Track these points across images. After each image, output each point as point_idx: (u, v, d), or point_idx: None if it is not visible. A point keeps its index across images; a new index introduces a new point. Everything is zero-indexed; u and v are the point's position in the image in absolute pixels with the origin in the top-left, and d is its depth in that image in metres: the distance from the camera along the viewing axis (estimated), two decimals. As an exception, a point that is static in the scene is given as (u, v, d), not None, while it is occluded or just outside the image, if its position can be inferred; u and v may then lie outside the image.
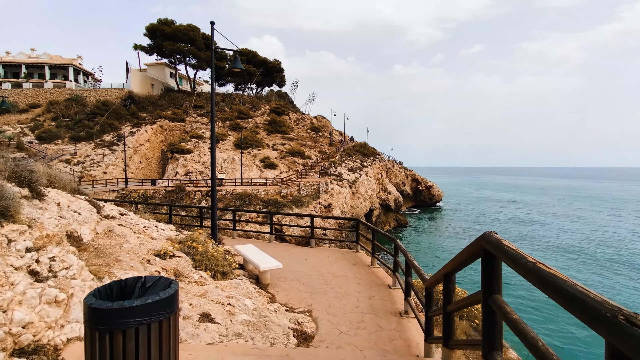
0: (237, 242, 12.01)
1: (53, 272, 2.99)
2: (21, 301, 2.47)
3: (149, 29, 51.06)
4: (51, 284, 2.83)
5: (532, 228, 40.56)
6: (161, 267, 5.27)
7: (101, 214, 6.87)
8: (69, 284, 3.00)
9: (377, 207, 39.85)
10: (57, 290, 2.82)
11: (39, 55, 54.37)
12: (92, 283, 3.41)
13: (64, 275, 3.04)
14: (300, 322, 5.22)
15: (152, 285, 2.03)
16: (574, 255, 28.88)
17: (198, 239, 7.06)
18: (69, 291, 2.93)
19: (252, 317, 4.75)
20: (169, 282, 2.02)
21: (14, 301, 2.39)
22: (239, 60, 9.47)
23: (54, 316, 2.66)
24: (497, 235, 2.05)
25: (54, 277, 2.95)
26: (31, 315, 2.47)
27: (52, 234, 3.46)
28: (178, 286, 1.98)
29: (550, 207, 60.61)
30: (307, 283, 7.47)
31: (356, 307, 6.21)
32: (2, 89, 48.45)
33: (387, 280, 7.87)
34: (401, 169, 57.74)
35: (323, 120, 62.74)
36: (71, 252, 3.38)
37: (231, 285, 5.73)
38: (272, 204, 25.96)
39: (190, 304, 4.47)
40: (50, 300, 2.68)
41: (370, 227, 9.36)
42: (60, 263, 3.13)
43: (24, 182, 4.17)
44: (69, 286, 2.98)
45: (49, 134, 41.44)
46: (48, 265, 3.01)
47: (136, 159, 41.29)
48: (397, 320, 5.71)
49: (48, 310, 2.63)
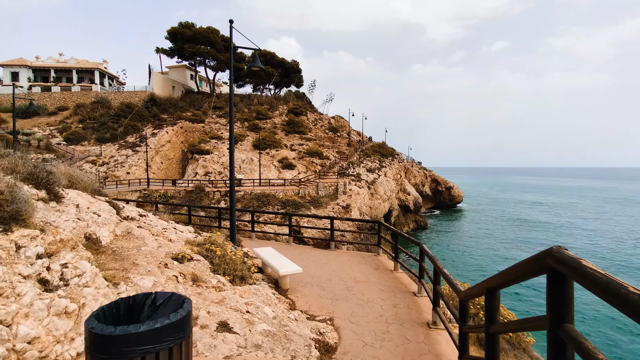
0: (256, 243, 11.87)
1: (65, 280, 2.82)
2: (27, 314, 2.30)
3: (170, 32, 52.17)
4: (61, 293, 2.66)
5: (564, 233, 38.78)
6: (179, 272, 5.10)
7: (121, 215, 6.81)
8: (80, 293, 2.83)
9: (396, 208, 39.13)
10: (68, 300, 2.65)
11: (66, 59, 56.48)
12: (107, 290, 3.24)
13: (76, 284, 2.88)
14: (322, 332, 4.94)
15: (163, 304, 1.79)
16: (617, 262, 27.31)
17: (216, 242, 6.90)
18: (81, 301, 2.76)
19: (271, 326, 4.50)
20: (181, 301, 1.78)
21: (19, 314, 2.22)
22: (257, 59, 9.29)
23: (64, 329, 2.48)
24: (568, 251, 1.71)
25: (65, 286, 2.78)
26: (38, 329, 2.29)
27: (66, 238, 3.32)
28: (191, 305, 1.73)
29: (581, 209, 57.92)
30: (328, 288, 7.19)
31: (380, 316, 5.88)
32: (32, 93, 50.61)
33: (411, 286, 7.49)
34: (420, 169, 56.61)
35: (341, 121, 62.35)
36: (85, 257, 3.22)
37: (250, 290, 5.51)
38: (290, 205, 25.83)
39: (208, 311, 4.27)
40: (59, 312, 2.51)
41: (393, 230, 8.99)
42: (73, 270, 2.97)
43: (41, 184, 4.07)
44: (81, 295, 2.81)
45: (76, 136, 42.91)
46: (60, 273, 2.85)
47: (157, 159, 42.17)
48: (425, 331, 5.34)
49: (57, 322, 2.45)
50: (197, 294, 4.79)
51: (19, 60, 54.63)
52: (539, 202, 68.68)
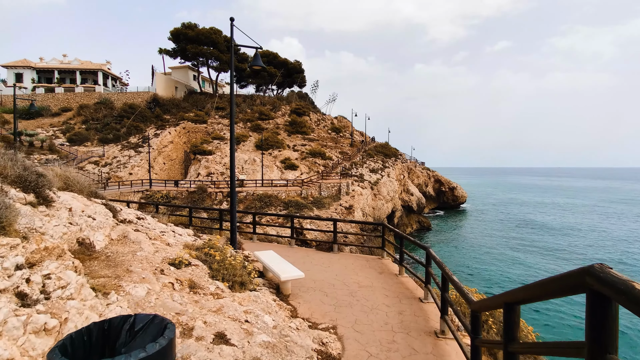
0: (257, 246, 11.65)
1: (46, 293, 2.61)
2: (0, 332, 2.08)
3: (173, 33, 52.14)
4: (41, 308, 2.44)
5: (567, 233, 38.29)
6: (175, 278, 4.89)
7: (117, 218, 6.61)
8: (63, 307, 2.61)
9: (399, 208, 38.81)
10: (48, 315, 2.43)
11: (70, 60, 56.61)
12: (94, 302, 3.02)
13: (58, 296, 2.66)
14: (324, 342, 4.70)
15: (142, 329, 1.57)
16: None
17: (216, 246, 6.68)
18: (63, 316, 2.54)
19: (271, 336, 4.27)
20: (163, 326, 1.55)
21: (-11, 334, 2.00)
22: (259, 58, 9.08)
23: (42, 348, 2.26)
24: (614, 270, 1.46)
25: (46, 299, 2.57)
26: (12, 350, 2.07)
27: (52, 245, 3.10)
28: (174, 331, 1.50)
29: (586, 210, 57.28)
30: (331, 294, 6.95)
31: (386, 324, 5.63)
32: (36, 94, 50.74)
33: (417, 292, 7.23)
34: (423, 170, 56.25)
35: (344, 121, 62.10)
36: (71, 267, 3.00)
37: (250, 298, 5.29)
38: (293, 205, 25.61)
39: (205, 321, 4.04)
40: (37, 329, 2.29)
41: (398, 233, 8.73)
42: (56, 281, 2.76)
43: (29, 187, 3.87)
44: (64, 309, 2.59)
45: (79, 137, 42.93)
46: (41, 285, 2.64)
47: (160, 160, 42.10)
48: (433, 341, 5.09)
49: (34, 341, 2.24)
50: (194, 301, 4.57)
51: (23, 61, 54.84)
52: (544, 202, 68.01)
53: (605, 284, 1.42)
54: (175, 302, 4.27)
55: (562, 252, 29.97)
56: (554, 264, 26.26)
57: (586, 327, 1.55)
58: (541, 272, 24.14)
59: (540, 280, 1.98)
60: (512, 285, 21.66)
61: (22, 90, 51.39)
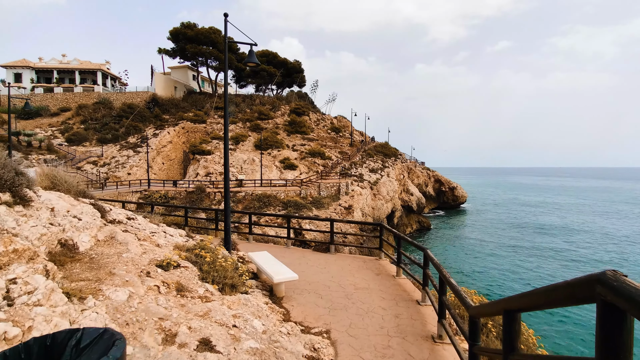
0: (253, 246, 11.46)
1: (9, 299, 2.42)
2: (-52, 345, 1.89)
3: (173, 32, 51.97)
4: (1, 316, 2.25)
5: (568, 233, 38.06)
6: (162, 281, 4.69)
7: (106, 218, 6.42)
8: (28, 314, 2.42)
9: (398, 208, 38.60)
10: (9, 324, 2.24)
11: (69, 60, 56.46)
12: (66, 308, 2.83)
13: (23, 303, 2.47)
14: (316, 348, 4.51)
15: (90, 345, 1.38)
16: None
17: (207, 247, 6.49)
18: (27, 324, 2.35)
19: (260, 343, 4.08)
20: (112, 341, 1.35)
21: None
22: (253, 55, 8.89)
23: None
24: (628, 278, 1.27)
25: (9, 306, 2.38)
26: (-39, 363, 1.88)
27: (22, 248, 2.91)
28: (125, 348, 1.31)
29: (587, 210, 57.03)
30: (326, 296, 6.76)
31: (381, 328, 5.44)
32: (35, 94, 50.59)
33: (414, 294, 7.04)
34: (423, 170, 56.04)
35: (343, 121, 61.91)
36: (40, 271, 2.81)
37: (240, 301, 5.09)
38: (292, 206, 25.42)
39: (189, 327, 3.85)
40: (-6, 340, 2.10)
41: (395, 234, 8.53)
42: (22, 286, 2.57)
43: (4, 186, 3.68)
44: (28, 317, 2.40)
45: (78, 137, 42.77)
46: (4, 290, 2.45)
47: (159, 160, 41.93)
48: (430, 346, 4.90)
49: (-11, 353, 2.04)
50: (180, 305, 4.38)
51: (22, 61, 54.70)
52: (545, 202, 67.75)
53: (619, 295, 1.22)
54: (160, 306, 4.08)
55: (563, 252, 29.75)
56: (554, 264, 26.05)
57: (596, 342, 1.36)
58: (542, 273, 23.93)
59: (544, 287, 1.79)
60: (513, 286, 21.45)
61: (21, 90, 51.27)
